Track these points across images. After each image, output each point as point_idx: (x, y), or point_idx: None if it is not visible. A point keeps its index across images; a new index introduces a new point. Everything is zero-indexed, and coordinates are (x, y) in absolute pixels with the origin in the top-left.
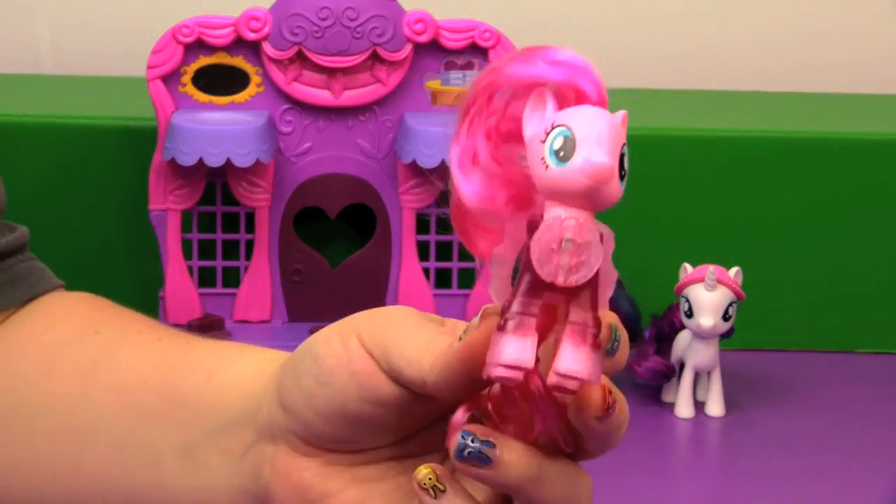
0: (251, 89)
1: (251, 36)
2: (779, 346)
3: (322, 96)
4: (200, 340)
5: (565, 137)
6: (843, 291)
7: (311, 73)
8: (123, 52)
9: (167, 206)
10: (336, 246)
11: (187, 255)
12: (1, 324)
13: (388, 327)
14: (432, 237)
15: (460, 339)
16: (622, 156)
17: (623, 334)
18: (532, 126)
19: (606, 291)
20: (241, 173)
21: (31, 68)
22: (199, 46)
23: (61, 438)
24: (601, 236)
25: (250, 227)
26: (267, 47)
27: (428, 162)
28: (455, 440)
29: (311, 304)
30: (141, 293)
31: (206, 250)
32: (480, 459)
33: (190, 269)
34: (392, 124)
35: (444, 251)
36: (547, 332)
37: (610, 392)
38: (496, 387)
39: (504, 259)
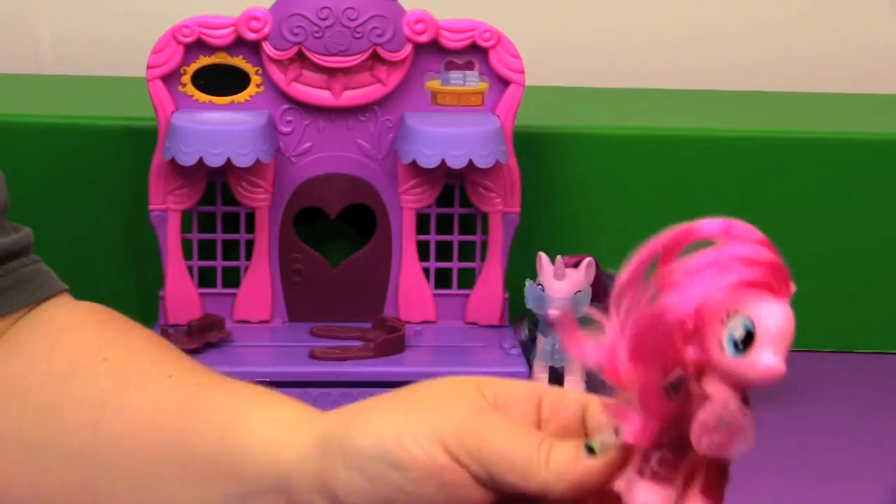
0: (251, 89)
1: (251, 36)
2: None
3: (322, 96)
4: (209, 381)
5: (747, 331)
6: (843, 291)
7: (311, 73)
8: (123, 52)
9: (167, 206)
10: (336, 246)
11: (187, 255)
12: (5, 331)
13: (478, 434)
14: (432, 237)
15: (591, 450)
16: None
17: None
18: (716, 304)
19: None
20: (241, 173)
21: (31, 68)
22: (199, 46)
23: (74, 473)
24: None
25: (250, 227)
26: (267, 47)
27: (428, 162)
28: None
29: (311, 304)
30: (141, 293)
31: (207, 250)
32: None
33: (190, 269)
34: (392, 124)
35: (444, 251)
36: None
37: None
38: None
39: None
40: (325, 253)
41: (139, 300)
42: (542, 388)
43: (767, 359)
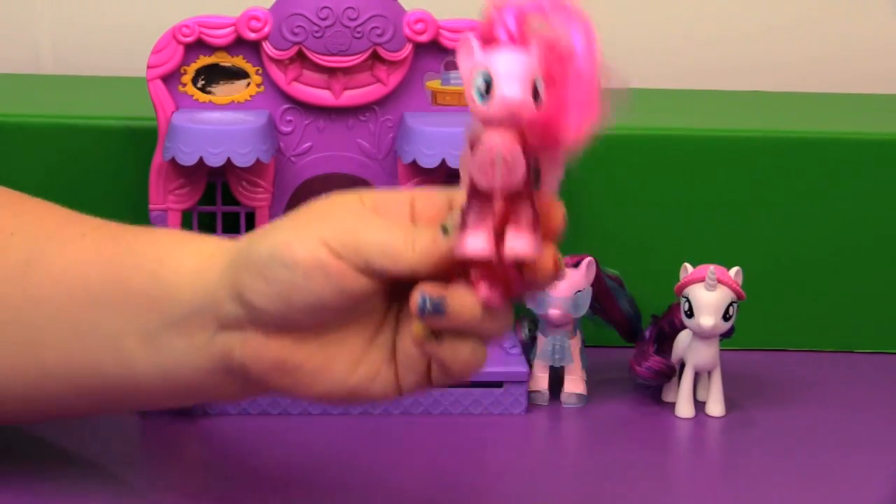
0: (251, 89)
1: (251, 36)
2: (779, 346)
3: (322, 96)
4: (125, 231)
5: (485, 79)
6: (843, 291)
7: (311, 73)
8: (123, 52)
9: (167, 206)
10: None
11: None
12: None
13: (355, 231)
14: None
15: (445, 231)
16: (535, 85)
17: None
18: (464, 67)
19: (552, 182)
20: (241, 173)
21: (31, 68)
22: (199, 46)
23: (14, 337)
24: (531, 153)
25: (250, 227)
26: (267, 47)
27: (428, 162)
28: (416, 300)
29: None
30: None
31: None
32: (437, 310)
33: None
34: (392, 124)
35: None
36: (505, 223)
37: (556, 264)
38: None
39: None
40: None
41: None
42: (416, 192)
43: (505, 90)
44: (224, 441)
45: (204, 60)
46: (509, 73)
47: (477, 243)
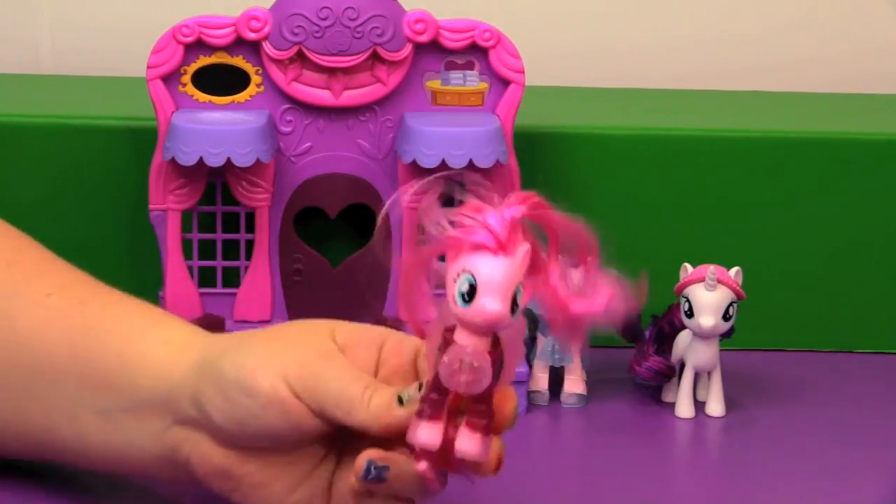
0: (251, 89)
1: (251, 36)
2: (779, 346)
3: (322, 96)
4: (93, 297)
5: (469, 284)
6: (843, 291)
7: (311, 73)
8: (123, 52)
9: (167, 206)
10: (336, 246)
11: (187, 254)
12: None
13: (317, 375)
14: None
15: (400, 402)
16: (515, 294)
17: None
18: (451, 267)
19: (508, 377)
20: (241, 173)
21: (31, 68)
22: (199, 46)
23: None
24: (499, 356)
25: (250, 227)
26: (267, 47)
27: (428, 162)
28: (361, 465)
29: (311, 304)
30: (141, 293)
31: (207, 250)
32: (379, 478)
33: (190, 268)
34: (392, 124)
35: None
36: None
37: (499, 460)
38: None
39: (432, 340)
40: (325, 253)
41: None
42: (386, 333)
43: (487, 304)
44: None
45: (204, 60)
46: (492, 284)
47: (428, 436)
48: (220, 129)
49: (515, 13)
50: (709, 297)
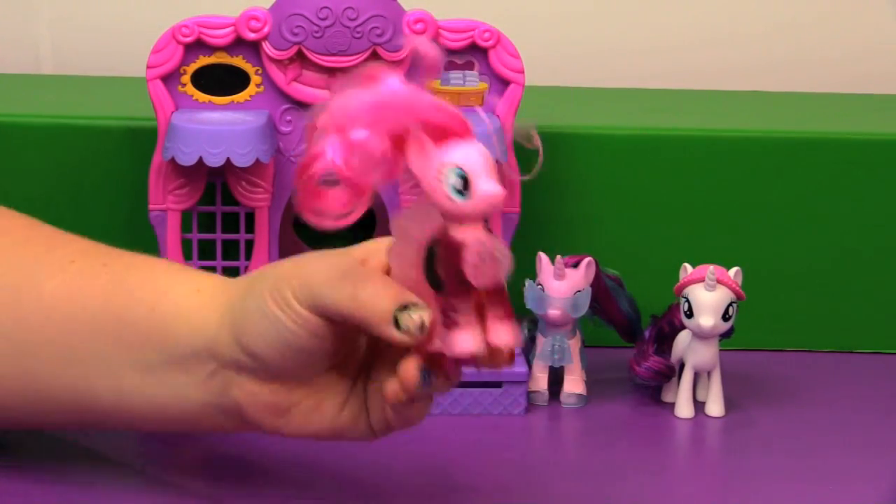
0: (251, 89)
1: (251, 36)
2: (779, 346)
3: (322, 96)
4: (115, 258)
5: (461, 177)
6: (843, 291)
7: (311, 73)
8: (123, 52)
9: (167, 206)
10: (336, 246)
11: (187, 255)
12: None
13: (311, 287)
14: None
15: (396, 325)
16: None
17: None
18: (421, 165)
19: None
20: (240, 173)
21: (31, 68)
22: (198, 46)
23: (8, 360)
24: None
25: (250, 227)
26: (267, 47)
27: None
28: (416, 376)
29: None
30: None
31: (206, 250)
32: (429, 384)
33: None
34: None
35: None
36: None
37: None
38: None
39: (401, 253)
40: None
41: None
42: (364, 245)
43: (487, 187)
44: (224, 440)
45: (204, 60)
46: (484, 168)
47: (473, 344)
48: (219, 129)
49: (515, 13)
50: (708, 297)
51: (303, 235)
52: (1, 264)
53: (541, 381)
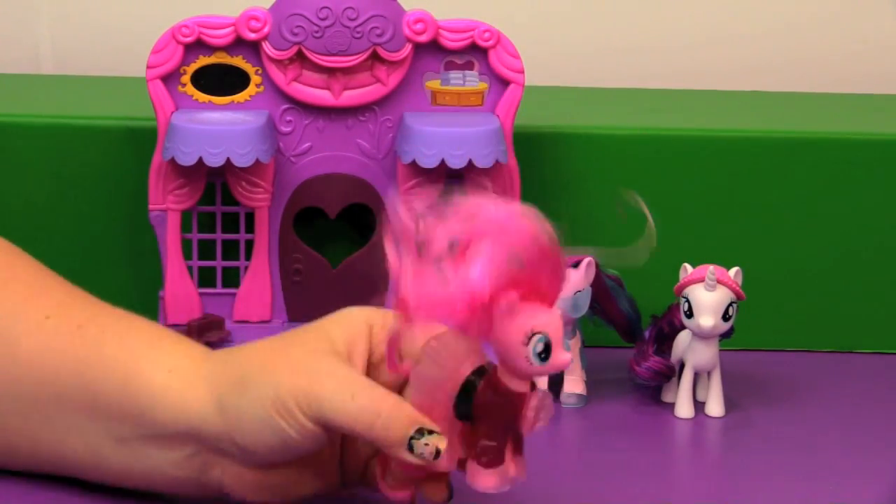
0: (251, 89)
1: (251, 36)
2: (779, 346)
3: (322, 96)
4: (91, 319)
5: (545, 344)
6: (843, 291)
7: (310, 73)
8: (123, 52)
9: (167, 206)
10: (336, 246)
11: (187, 255)
12: None
13: (321, 406)
14: None
15: (411, 449)
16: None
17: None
18: (512, 328)
19: None
20: (240, 173)
21: (31, 68)
22: (198, 46)
23: None
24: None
25: (250, 227)
26: (267, 47)
27: (427, 162)
28: (445, 496)
29: (311, 304)
30: (141, 293)
31: (206, 250)
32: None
33: (190, 269)
34: (392, 124)
35: None
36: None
37: None
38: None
39: (428, 377)
40: (325, 253)
41: (139, 300)
42: (369, 313)
43: (564, 357)
44: None
45: (204, 60)
46: (561, 336)
47: (498, 482)
48: (219, 129)
49: (515, 13)
50: (708, 297)
51: (302, 235)
52: None
53: (541, 381)
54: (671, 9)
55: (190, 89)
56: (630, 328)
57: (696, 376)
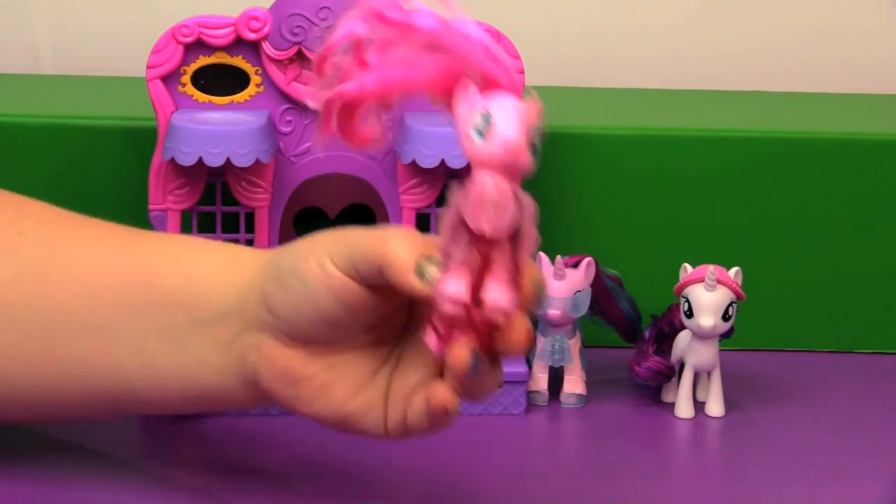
0: (251, 89)
1: (251, 36)
2: (779, 346)
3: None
4: (146, 234)
5: (485, 119)
6: (843, 291)
7: (311, 73)
8: (123, 52)
9: (167, 206)
10: None
11: None
12: None
13: (350, 243)
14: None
15: (421, 276)
16: (531, 136)
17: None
18: (462, 109)
19: (528, 247)
20: (240, 173)
21: (31, 68)
22: (198, 46)
23: (31, 337)
24: (520, 200)
25: (250, 227)
26: (267, 47)
27: (427, 162)
28: (466, 360)
29: None
30: None
31: None
32: (477, 370)
33: None
34: (392, 124)
35: None
36: (484, 272)
37: (528, 336)
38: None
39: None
40: None
41: None
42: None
43: (502, 132)
44: (224, 441)
45: (204, 60)
46: (509, 114)
47: (455, 288)
48: (219, 129)
49: (516, 13)
50: (708, 297)
51: (303, 235)
52: (27, 243)
53: (541, 381)
54: (671, 9)
55: (190, 89)
56: (630, 328)
57: (696, 376)
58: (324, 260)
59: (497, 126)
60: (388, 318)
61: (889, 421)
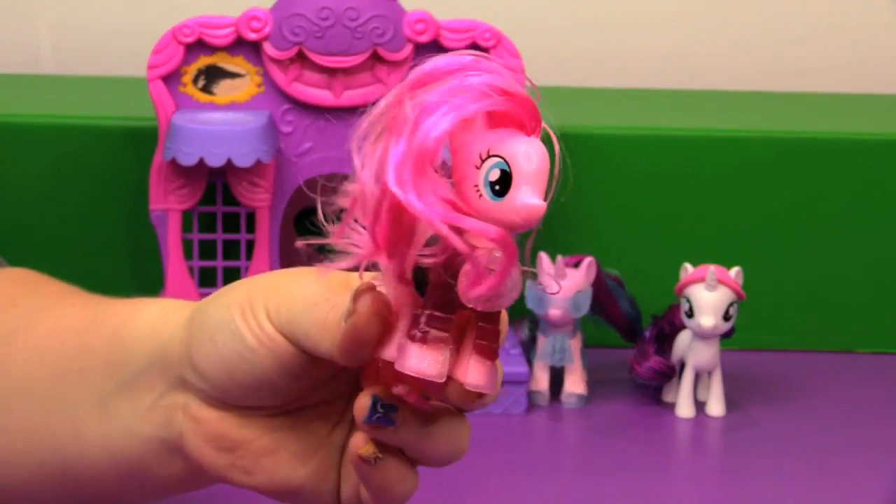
0: (252, 89)
1: (252, 36)
2: (779, 346)
3: (322, 96)
4: (111, 300)
5: (502, 171)
6: (843, 291)
7: (311, 73)
8: (123, 52)
9: (168, 206)
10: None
11: (188, 255)
12: None
13: (290, 307)
14: None
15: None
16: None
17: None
18: (467, 150)
19: (505, 317)
20: (241, 173)
21: (31, 68)
22: (199, 46)
23: None
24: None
25: (251, 228)
26: (267, 47)
27: None
28: (364, 404)
29: None
30: (141, 293)
31: (207, 250)
32: (385, 422)
33: (191, 269)
34: None
35: None
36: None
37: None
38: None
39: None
40: (325, 253)
41: None
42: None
43: (527, 198)
44: None
45: (204, 61)
46: (535, 173)
47: (429, 365)
48: (220, 130)
49: (516, 13)
50: (709, 297)
51: (303, 235)
52: (13, 312)
53: (541, 381)
54: (671, 9)
55: (191, 89)
56: (630, 328)
57: (697, 376)
58: (260, 315)
59: (519, 185)
60: (342, 371)
61: (889, 421)
